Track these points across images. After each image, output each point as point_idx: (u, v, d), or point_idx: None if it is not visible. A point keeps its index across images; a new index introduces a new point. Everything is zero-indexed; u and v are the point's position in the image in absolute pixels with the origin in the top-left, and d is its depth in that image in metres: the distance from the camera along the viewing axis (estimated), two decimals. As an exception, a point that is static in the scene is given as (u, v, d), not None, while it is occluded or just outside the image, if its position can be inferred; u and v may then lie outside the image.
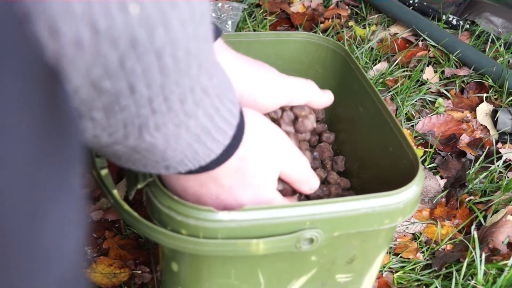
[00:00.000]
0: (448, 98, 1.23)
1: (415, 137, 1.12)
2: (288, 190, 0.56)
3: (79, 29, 0.28)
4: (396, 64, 1.29)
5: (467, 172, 1.01)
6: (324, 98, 0.64)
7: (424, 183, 1.01)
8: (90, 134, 0.35)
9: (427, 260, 0.88)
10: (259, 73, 0.58)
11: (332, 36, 1.38)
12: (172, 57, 0.33)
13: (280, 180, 0.56)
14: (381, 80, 1.24)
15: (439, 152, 1.08)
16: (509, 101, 1.21)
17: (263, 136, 0.49)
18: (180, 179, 0.48)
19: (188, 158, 0.42)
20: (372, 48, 1.35)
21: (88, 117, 0.33)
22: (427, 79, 1.26)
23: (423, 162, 1.05)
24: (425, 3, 1.48)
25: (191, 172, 0.44)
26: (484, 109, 1.19)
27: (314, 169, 0.74)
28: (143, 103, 0.34)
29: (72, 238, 0.33)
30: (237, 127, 0.44)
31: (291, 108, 0.65)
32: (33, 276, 0.29)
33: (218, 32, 0.56)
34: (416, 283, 0.85)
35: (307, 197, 0.68)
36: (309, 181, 0.56)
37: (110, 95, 0.32)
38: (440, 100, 1.21)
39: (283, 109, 0.64)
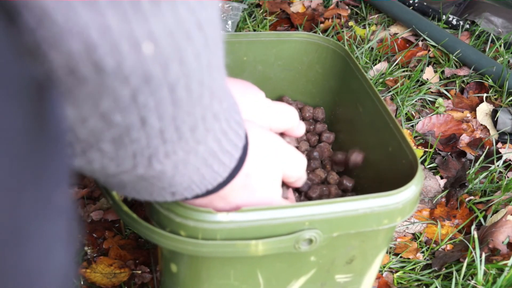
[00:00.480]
0: (448, 98, 1.23)
1: (415, 137, 1.12)
2: (292, 199, 0.58)
3: (77, 65, 0.27)
4: (396, 64, 1.29)
5: (467, 172, 1.01)
6: (299, 130, 0.64)
7: (424, 183, 1.01)
8: (98, 165, 0.34)
9: (427, 260, 0.88)
10: (244, 97, 0.57)
11: (332, 36, 1.38)
12: (185, 89, 0.32)
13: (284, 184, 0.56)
14: (381, 80, 1.24)
15: (439, 152, 1.08)
16: (509, 101, 1.21)
17: (264, 148, 0.49)
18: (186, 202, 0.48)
19: (195, 183, 0.41)
20: (372, 48, 1.35)
21: (96, 148, 0.32)
22: (427, 79, 1.26)
23: (423, 162, 1.05)
24: (425, 3, 1.48)
25: (197, 196, 0.44)
26: (484, 109, 1.19)
27: (314, 169, 0.74)
28: (154, 135, 0.33)
29: (59, 259, 0.31)
30: (243, 149, 0.43)
31: None
32: None
33: None
34: (416, 283, 0.85)
35: (309, 198, 0.68)
36: (304, 176, 0.56)
37: (121, 128, 0.31)
38: (440, 100, 1.21)
39: None
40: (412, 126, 1.14)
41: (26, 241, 0.27)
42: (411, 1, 1.49)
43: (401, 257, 0.88)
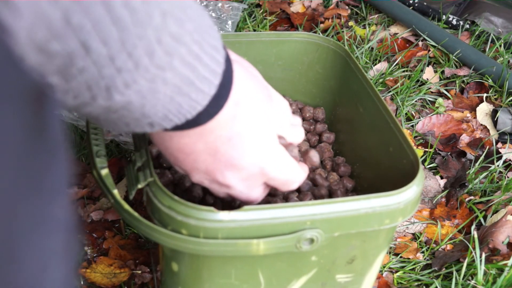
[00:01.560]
0: (448, 98, 1.23)
1: (415, 137, 1.12)
2: (296, 157, 0.52)
3: None
4: (396, 64, 1.29)
5: (467, 172, 1.01)
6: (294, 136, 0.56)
7: (424, 183, 1.01)
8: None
9: (427, 260, 0.88)
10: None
11: (332, 36, 1.38)
12: (125, 7, 0.30)
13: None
14: (381, 80, 1.24)
15: (439, 152, 1.08)
16: (509, 101, 1.21)
17: (252, 78, 0.45)
18: (173, 139, 0.44)
19: (172, 113, 0.39)
20: (372, 48, 1.35)
21: (44, 83, 0.30)
22: (427, 79, 1.26)
23: (423, 162, 1.05)
24: (425, 3, 1.48)
25: (178, 127, 0.41)
26: (484, 109, 1.19)
27: (315, 169, 0.74)
28: (103, 62, 0.31)
29: (56, 271, 0.30)
30: (224, 75, 0.40)
31: None
32: None
33: None
34: (416, 283, 0.85)
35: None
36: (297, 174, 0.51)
37: (63, 58, 0.29)
38: (440, 100, 1.21)
39: None
40: (412, 126, 1.14)
41: (22, 257, 0.26)
42: (411, 1, 1.49)
43: (401, 257, 0.88)
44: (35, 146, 0.26)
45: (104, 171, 0.53)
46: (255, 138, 0.45)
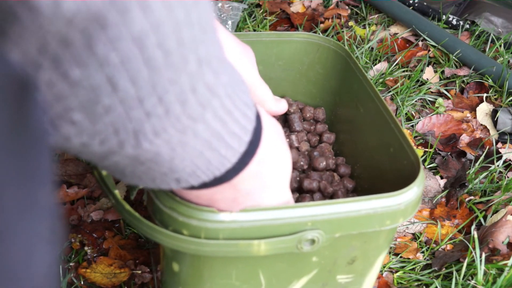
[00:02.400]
0: (448, 98, 1.23)
1: (415, 137, 1.12)
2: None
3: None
4: (396, 64, 1.29)
5: (467, 172, 1.01)
6: (278, 107, 0.61)
7: (424, 183, 1.01)
8: (77, 142, 0.31)
9: (427, 260, 0.88)
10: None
11: (332, 36, 1.38)
12: (158, 47, 0.28)
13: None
14: (381, 80, 1.24)
15: (439, 152, 1.08)
16: (509, 101, 1.21)
17: (278, 137, 0.46)
18: (193, 192, 0.44)
19: (200, 169, 0.37)
20: (372, 48, 1.35)
21: (67, 119, 0.29)
22: (427, 79, 1.26)
23: (423, 162, 1.05)
24: (425, 3, 1.48)
25: (205, 185, 0.40)
26: (484, 109, 1.19)
27: (322, 174, 0.74)
28: (132, 104, 0.29)
29: (43, 257, 0.30)
30: (254, 132, 0.39)
31: None
32: None
33: None
34: (416, 283, 0.85)
35: (311, 197, 0.68)
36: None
37: (87, 91, 0.28)
38: (440, 100, 1.21)
39: None
40: (412, 126, 1.14)
41: (9, 239, 0.27)
42: (411, 1, 1.49)
43: (401, 257, 0.88)
44: (21, 134, 0.26)
45: (105, 171, 0.53)
46: (272, 192, 0.47)
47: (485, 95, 1.22)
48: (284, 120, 0.79)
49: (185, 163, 0.36)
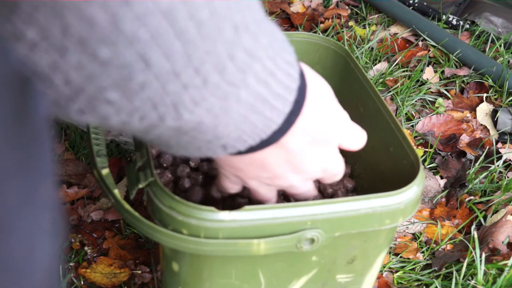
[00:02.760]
0: (448, 98, 1.23)
1: (415, 137, 1.12)
2: None
3: None
4: (396, 64, 1.29)
5: (467, 172, 1.01)
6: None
7: (424, 183, 1.01)
8: (116, 121, 0.30)
9: (427, 260, 0.88)
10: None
11: (332, 36, 1.38)
12: (190, 19, 0.27)
13: None
14: (381, 80, 1.24)
15: (439, 152, 1.08)
16: (509, 101, 1.21)
17: (323, 90, 0.44)
18: (244, 158, 0.43)
19: (246, 133, 0.37)
20: (372, 48, 1.35)
21: (102, 99, 0.28)
22: (427, 79, 1.26)
23: (423, 162, 1.05)
24: (425, 3, 1.48)
25: (253, 149, 0.39)
26: (484, 109, 1.19)
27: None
28: (167, 78, 0.29)
29: (44, 249, 0.30)
30: (298, 91, 0.38)
31: None
32: None
33: None
34: (416, 283, 0.85)
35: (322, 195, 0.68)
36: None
37: (118, 69, 0.27)
38: (440, 100, 1.21)
39: None
40: (412, 126, 1.14)
41: (11, 232, 0.27)
42: (411, 1, 1.49)
43: (401, 257, 0.88)
44: (22, 129, 0.26)
45: (105, 171, 0.53)
46: (322, 148, 0.45)
47: (485, 95, 1.22)
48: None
49: (230, 128, 0.35)
